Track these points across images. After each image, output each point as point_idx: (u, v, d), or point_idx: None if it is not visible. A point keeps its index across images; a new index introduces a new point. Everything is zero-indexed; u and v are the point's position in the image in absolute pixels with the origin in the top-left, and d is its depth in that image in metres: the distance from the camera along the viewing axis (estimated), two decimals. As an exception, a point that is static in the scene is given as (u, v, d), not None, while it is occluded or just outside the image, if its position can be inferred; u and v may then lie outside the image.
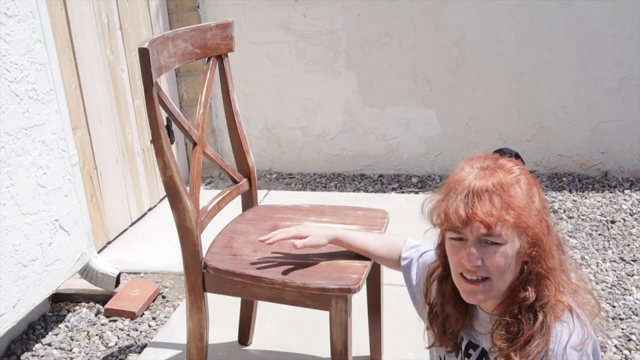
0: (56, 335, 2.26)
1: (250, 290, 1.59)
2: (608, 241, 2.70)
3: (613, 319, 2.17)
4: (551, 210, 2.95)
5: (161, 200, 3.31)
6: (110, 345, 2.19)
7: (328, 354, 1.81)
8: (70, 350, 2.17)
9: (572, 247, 2.66)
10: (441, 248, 1.26)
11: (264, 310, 2.21)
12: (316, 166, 3.69)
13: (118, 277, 2.42)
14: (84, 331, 2.27)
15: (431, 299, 1.31)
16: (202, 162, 1.81)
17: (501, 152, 1.22)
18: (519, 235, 1.12)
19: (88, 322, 2.33)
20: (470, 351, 1.25)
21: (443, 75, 3.38)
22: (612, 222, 2.86)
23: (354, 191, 3.43)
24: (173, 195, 1.59)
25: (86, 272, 2.37)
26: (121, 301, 2.37)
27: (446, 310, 1.25)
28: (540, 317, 1.12)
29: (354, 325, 1.60)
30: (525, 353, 1.10)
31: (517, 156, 1.22)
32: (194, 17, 3.45)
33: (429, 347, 1.33)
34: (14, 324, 1.98)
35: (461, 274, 1.16)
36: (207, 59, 1.83)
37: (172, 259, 2.68)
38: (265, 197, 3.35)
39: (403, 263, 1.49)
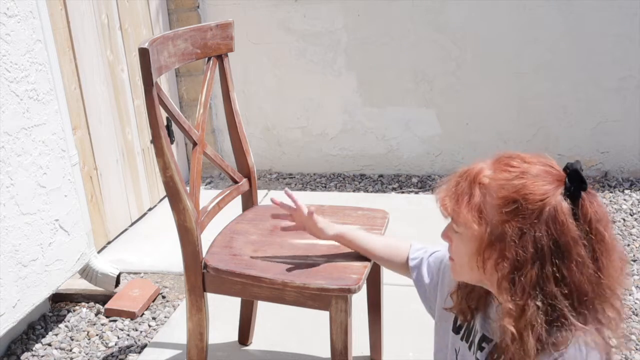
0: (56, 335, 2.26)
1: (250, 290, 1.59)
2: (608, 241, 2.70)
3: (613, 319, 2.17)
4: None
5: (161, 200, 3.31)
6: (110, 345, 2.19)
7: (328, 354, 1.81)
8: (70, 350, 2.17)
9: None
10: None
11: (264, 310, 2.21)
12: (316, 166, 3.69)
13: (118, 277, 2.42)
14: (84, 331, 2.27)
15: None
16: (202, 162, 1.81)
17: (569, 169, 1.08)
18: (475, 237, 1.11)
19: (88, 322, 2.33)
20: (484, 345, 1.25)
21: (443, 75, 3.38)
22: (612, 222, 2.86)
23: (354, 191, 3.43)
24: (173, 195, 1.59)
25: (86, 272, 2.37)
26: (121, 301, 2.37)
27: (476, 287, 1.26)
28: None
29: (354, 325, 1.60)
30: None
31: (581, 182, 1.06)
32: (194, 17, 3.45)
33: (446, 309, 1.34)
34: (14, 324, 1.98)
35: None
36: (207, 59, 1.83)
37: (172, 259, 2.68)
38: (265, 197, 3.35)
39: (412, 263, 1.49)
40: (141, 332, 2.25)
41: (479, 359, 1.26)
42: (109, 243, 2.86)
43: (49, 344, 2.21)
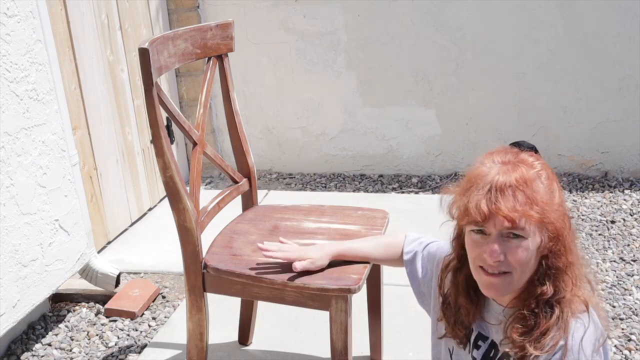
0: (56, 335, 2.26)
1: (250, 291, 1.59)
2: (608, 241, 2.70)
3: (613, 319, 2.17)
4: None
5: (161, 200, 3.31)
6: (110, 345, 2.19)
7: (328, 354, 1.81)
8: (70, 350, 2.17)
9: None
10: (457, 240, 1.26)
11: (264, 310, 2.21)
12: (316, 166, 3.69)
13: (118, 277, 2.42)
14: (84, 331, 2.28)
15: (445, 290, 1.31)
16: (202, 162, 1.81)
17: (518, 145, 1.21)
18: (540, 230, 1.12)
19: (88, 322, 2.33)
20: (480, 342, 1.25)
21: (443, 75, 3.38)
22: (612, 222, 2.86)
23: (354, 191, 3.43)
24: (173, 195, 1.59)
25: (86, 272, 2.37)
26: (121, 301, 2.37)
27: (459, 301, 1.25)
28: (557, 311, 1.12)
29: (354, 325, 1.60)
30: (540, 345, 1.10)
31: (535, 150, 1.21)
32: (194, 17, 3.45)
33: (440, 338, 1.33)
34: (14, 324, 1.98)
35: (481, 266, 1.16)
36: (207, 59, 1.83)
37: (172, 259, 2.68)
38: (265, 197, 3.35)
39: (406, 257, 1.49)
40: (141, 332, 2.25)
41: (475, 357, 1.26)
42: (109, 243, 2.85)
43: (49, 344, 2.21)
